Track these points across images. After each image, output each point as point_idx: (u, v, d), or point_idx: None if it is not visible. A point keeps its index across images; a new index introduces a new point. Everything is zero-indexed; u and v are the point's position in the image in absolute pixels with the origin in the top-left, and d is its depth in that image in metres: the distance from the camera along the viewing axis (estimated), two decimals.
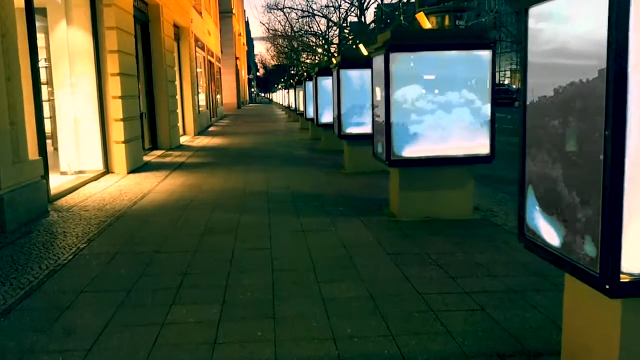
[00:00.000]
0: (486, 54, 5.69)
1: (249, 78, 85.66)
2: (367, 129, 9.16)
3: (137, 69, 11.67)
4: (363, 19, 41.80)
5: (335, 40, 50.80)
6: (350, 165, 9.40)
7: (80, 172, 8.89)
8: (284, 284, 3.87)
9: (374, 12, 46.93)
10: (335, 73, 9.31)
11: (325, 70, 13.08)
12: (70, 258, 4.56)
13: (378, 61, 5.98)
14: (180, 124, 17.14)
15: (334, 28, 53.42)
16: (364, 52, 9.46)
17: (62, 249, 4.84)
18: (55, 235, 5.29)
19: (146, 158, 11.41)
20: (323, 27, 56.83)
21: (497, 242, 4.85)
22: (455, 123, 5.79)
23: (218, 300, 3.57)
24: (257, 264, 4.33)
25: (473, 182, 6.02)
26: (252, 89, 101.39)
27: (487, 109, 5.76)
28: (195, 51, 19.63)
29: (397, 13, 43.88)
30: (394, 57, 5.59)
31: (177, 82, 17.10)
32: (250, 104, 68.16)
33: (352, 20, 48.85)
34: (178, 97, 16.80)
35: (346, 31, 47.86)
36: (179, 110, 16.34)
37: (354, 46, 41.03)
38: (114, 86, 9.05)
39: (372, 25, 45.83)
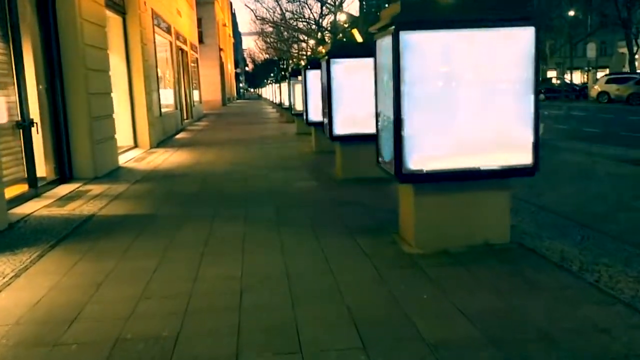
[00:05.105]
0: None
1: (236, 72, 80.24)
2: (473, 159, 4.23)
3: (12, 48, 6.58)
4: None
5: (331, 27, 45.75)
6: (426, 237, 4.41)
7: None
8: None
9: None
10: (387, 42, 4.30)
11: (343, 48, 8.06)
12: None
13: None
14: (128, 134, 12.10)
15: (329, 16, 48.44)
16: None
17: None
18: None
19: (31, 206, 6.37)
20: (316, 16, 51.93)
21: None
22: None
23: None
24: None
25: None
26: (241, 84, 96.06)
27: None
28: (154, 32, 14.53)
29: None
30: None
31: (124, 73, 12.03)
32: (238, 100, 62.82)
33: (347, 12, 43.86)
34: (119, 94, 11.71)
35: (342, 19, 42.83)
36: (119, 115, 11.26)
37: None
38: None
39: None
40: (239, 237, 4.94)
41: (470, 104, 4.29)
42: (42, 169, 7.53)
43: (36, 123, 7.00)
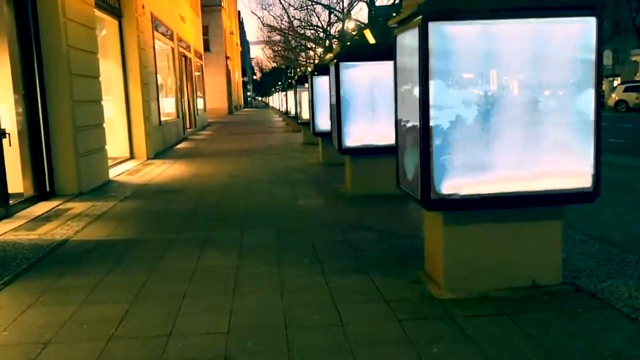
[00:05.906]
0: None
1: (244, 81, 79.71)
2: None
3: None
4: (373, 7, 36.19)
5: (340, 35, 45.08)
6: (459, 276, 3.56)
7: None
8: None
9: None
10: (411, 37, 3.48)
11: (353, 50, 7.26)
12: None
13: None
14: (123, 145, 11.36)
15: (337, 24, 47.77)
16: None
17: None
18: None
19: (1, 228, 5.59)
20: (324, 23, 51.39)
21: None
22: None
23: None
24: None
25: None
26: (248, 93, 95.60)
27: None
28: (154, 37, 13.81)
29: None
30: None
31: (120, 79, 11.30)
32: (245, 109, 62.18)
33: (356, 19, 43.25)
34: (115, 102, 11.01)
35: (351, 27, 42.19)
36: (114, 124, 10.56)
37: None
38: None
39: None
40: (231, 272, 4.12)
41: (515, 112, 3.45)
42: (18, 185, 6.78)
43: (8, 134, 6.23)
